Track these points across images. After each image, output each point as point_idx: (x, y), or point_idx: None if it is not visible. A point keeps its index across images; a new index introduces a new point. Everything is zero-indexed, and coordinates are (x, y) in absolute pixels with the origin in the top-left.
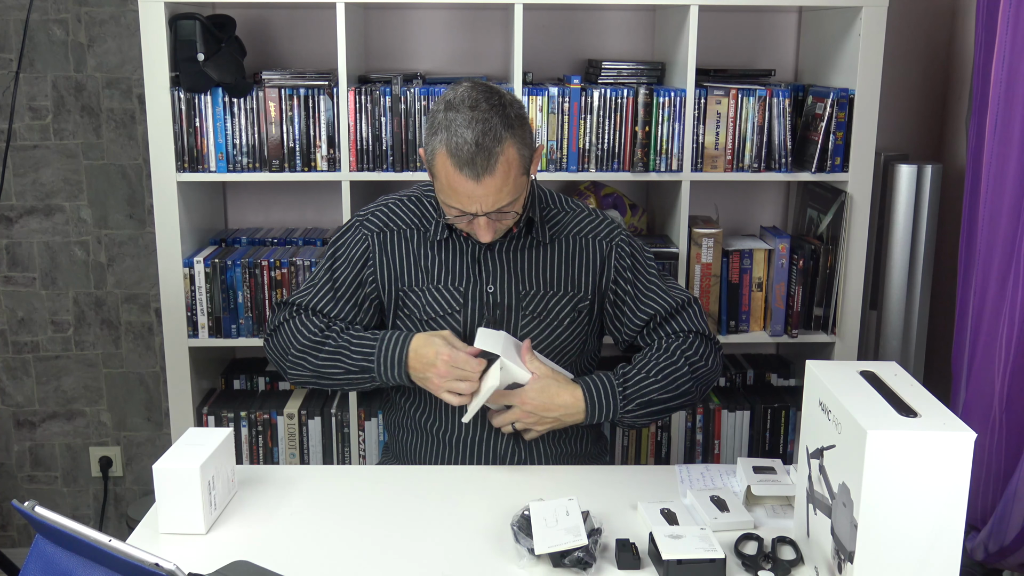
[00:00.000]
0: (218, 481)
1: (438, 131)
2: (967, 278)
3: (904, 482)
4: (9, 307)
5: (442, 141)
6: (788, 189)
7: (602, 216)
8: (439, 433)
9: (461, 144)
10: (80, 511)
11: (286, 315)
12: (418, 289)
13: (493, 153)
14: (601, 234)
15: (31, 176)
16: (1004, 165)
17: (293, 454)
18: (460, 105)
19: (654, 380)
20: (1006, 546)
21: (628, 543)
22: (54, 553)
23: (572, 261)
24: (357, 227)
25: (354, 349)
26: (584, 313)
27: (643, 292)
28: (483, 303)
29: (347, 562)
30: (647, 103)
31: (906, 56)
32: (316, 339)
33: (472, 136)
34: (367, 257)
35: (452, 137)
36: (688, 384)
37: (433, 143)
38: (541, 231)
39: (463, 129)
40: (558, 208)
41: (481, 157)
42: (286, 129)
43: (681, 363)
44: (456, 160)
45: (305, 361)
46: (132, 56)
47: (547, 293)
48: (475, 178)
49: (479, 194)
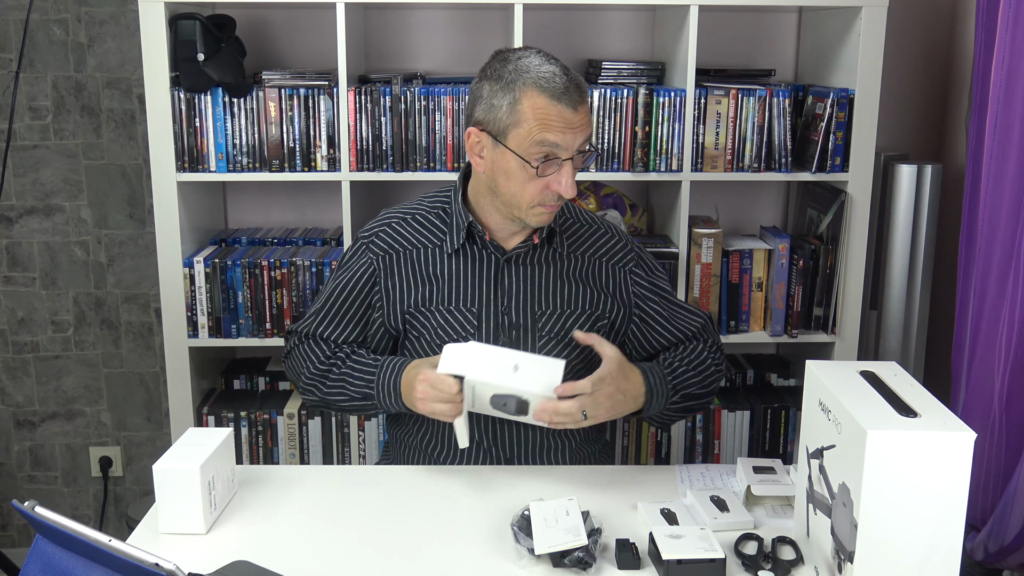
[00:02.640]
0: (218, 481)
1: (515, 79)
2: (967, 278)
3: (904, 482)
4: (9, 307)
5: (527, 83)
6: (788, 189)
7: (618, 236)
8: (437, 455)
9: (551, 77)
10: (80, 511)
11: (295, 341)
12: (427, 311)
13: (581, 82)
14: (616, 258)
15: (31, 176)
16: (1004, 165)
17: (293, 454)
18: (523, 54)
19: (694, 374)
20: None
21: (628, 543)
22: (54, 553)
23: (588, 279)
24: (363, 250)
25: (356, 376)
26: (603, 333)
27: (667, 310)
28: (498, 324)
29: (347, 562)
30: (647, 103)
31: (906, 56)
32: (323, 367)
33: (559, 68)
34: (374, 280)
35: (539, 75)
36: (715, 384)
37: (514, 91)
38: (560, 243)
39: (545, 65)
40: (575, 219)
41: (573, 85)
42: (286, 129)
43: (709, 363)
44: (551, 92)
45: (315, 389)
46: (132, 56)
47: (564, 312)
48: (573, 106)
49: (577, 123)
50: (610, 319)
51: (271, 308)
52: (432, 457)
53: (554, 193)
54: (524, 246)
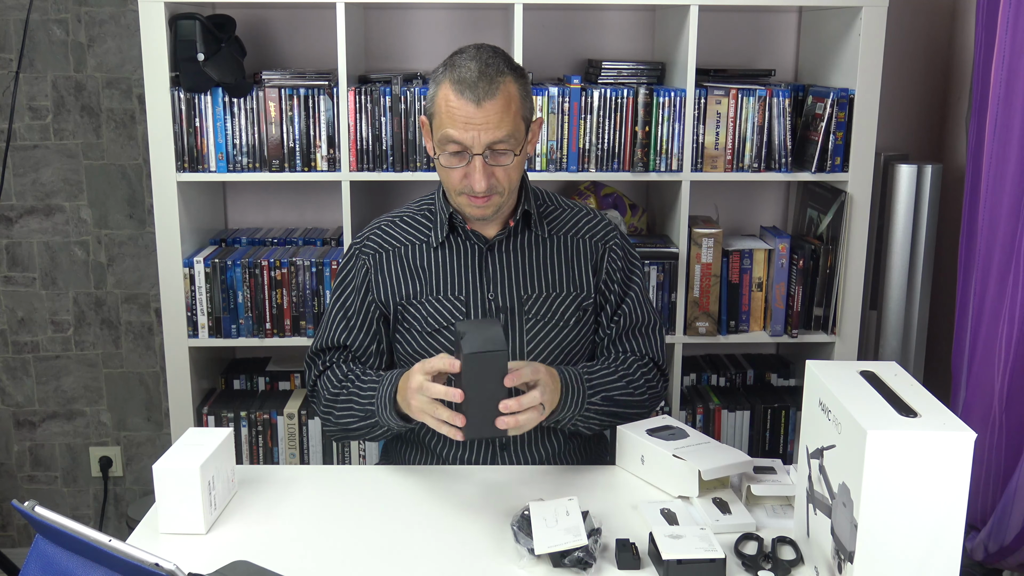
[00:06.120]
0: (218, 481)
1: (443, 71)
2: (967, 278)
3: (904, 482)
4: (9, 307)
5: (445, 76)
6: (788, 189)
7: (600, 216)
8: (440, 451)
9: (464, 73)
10: (80, 511)
11: (318, 370)
12: (417, 302)
13: (495, 80)
14: (598, 235)
15: (31, 176)
16: (1004, 165)
17: (293, 454)
18: (466, 49)
19: (616, 378)
20: (1006, 546)
21: (628, 543)
22: (54, 553)
23: (572, 260)
24: (356, 255)
25: (362, 395)
26: (589, 312)
27: (622, 299)
28: (485, 310)
29: (347, 562)
30: (647, 103)
31: (906, 56)
32: (335, 391)
33: (476, 66)
34: (369, 280)
35: (456, 70)
36: (642, 396)
37: (436, 84)
38: (540, 226)
39: (467, 62)
40: (555, 205)
41: (484, 82)
42: (286, 129)
43: (638, 376)
44: (458, 87)
45: (331, 415)
46: (132, 56)
47: (550, 295)
48: (476, 101)
49: (478, 120)
50: (595, 299)
51: (271, 308)
52: (435, 452)
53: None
54: (504, 232)
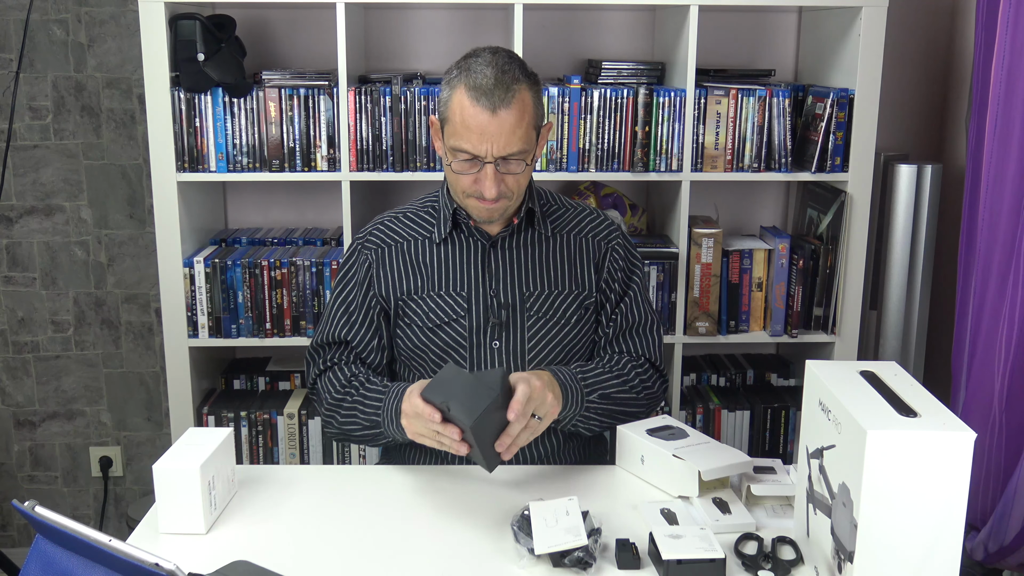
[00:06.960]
0: (218, 481)
1: (458, 75)
2: (967, 278)
3: (904, 482)
4: (9, 307)
5: (460, 80)
6: (788, 189)
7: (602, 216)
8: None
9: (480, 79)
10: (80, 511)
11: (319, 368)
12: (418, 297)
13: (511, 89)
14: (600, 234)
15: (31, 176)
16: (1004, 165)
17: (293, 454)
18: (481, 53)
19: (611, 377)
20: (1006, 546)
21: (628, 543)
22: (54, 553)
23: (574, 259)
24: (358, 250)
25: (367, 404)
26: (590, 311)
27: (622, 298)
28: (487, 307)
29: (347, 562)
30: (647, 103)
31: (906, 56)
32: (338, 396)
33: (492, 72)
34: (371, 275)
35: (472, 75)
36: (638, 396)
37: (450, 88)
38: (543, 224)
39: (483, 67)
40: (558, 204)
41: (500, 90)
42: (286, 129)
43: (633, 376)
44: (474, 93)
45: (333, 419)
46: (132, 56)
47: (552, 292)
48: (491, 109)
49: (492, 130)
50: (596, 297)
51: (271, 308)
52: (435, 452)
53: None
54: (508, 229)
